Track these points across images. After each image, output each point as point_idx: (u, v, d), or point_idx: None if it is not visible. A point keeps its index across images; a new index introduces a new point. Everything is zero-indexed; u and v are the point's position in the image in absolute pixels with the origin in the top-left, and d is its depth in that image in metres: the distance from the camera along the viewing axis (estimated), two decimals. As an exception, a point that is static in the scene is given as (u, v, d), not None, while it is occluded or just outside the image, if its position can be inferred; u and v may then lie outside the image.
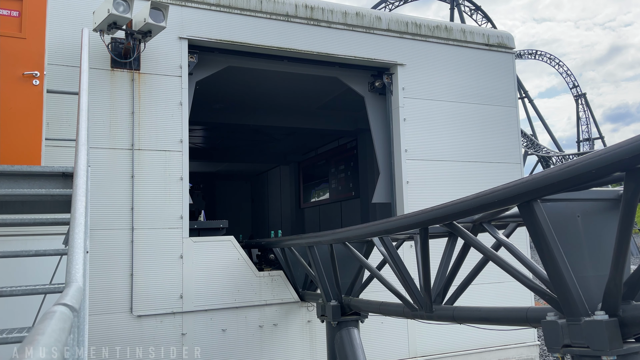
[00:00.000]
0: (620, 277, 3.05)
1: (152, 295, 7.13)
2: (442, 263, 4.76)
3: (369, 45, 9.13)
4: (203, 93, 9.60)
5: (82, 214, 2.42)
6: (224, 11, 8.15)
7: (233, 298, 7.63)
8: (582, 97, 69.81)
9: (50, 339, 1.14)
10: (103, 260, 6.82)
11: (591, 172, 2.79)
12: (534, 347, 9.59)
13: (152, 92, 7.52)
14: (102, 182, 6.89)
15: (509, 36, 10.39)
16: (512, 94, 10.19)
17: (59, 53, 6.96)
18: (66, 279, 1.93)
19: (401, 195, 8.94)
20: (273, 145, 17.04)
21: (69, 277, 1.91)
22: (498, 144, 9.78)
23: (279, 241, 8.20)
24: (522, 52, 68.85)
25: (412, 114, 9.18)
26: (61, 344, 1.12)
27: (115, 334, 6.81)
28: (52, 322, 1.21)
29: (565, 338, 3.29)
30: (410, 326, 8.55)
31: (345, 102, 12.24)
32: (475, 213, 3.93)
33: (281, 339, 7.88)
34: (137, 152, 7.29)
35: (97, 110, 7.04)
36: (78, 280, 1.88)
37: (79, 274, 1.90)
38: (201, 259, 7.50)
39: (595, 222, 3.52)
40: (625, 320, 3.10)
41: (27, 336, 1.15)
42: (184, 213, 7.46)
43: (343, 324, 6.51)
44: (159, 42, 7.52)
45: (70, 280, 1.89)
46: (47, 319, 1.28)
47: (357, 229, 5.57)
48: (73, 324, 1.55)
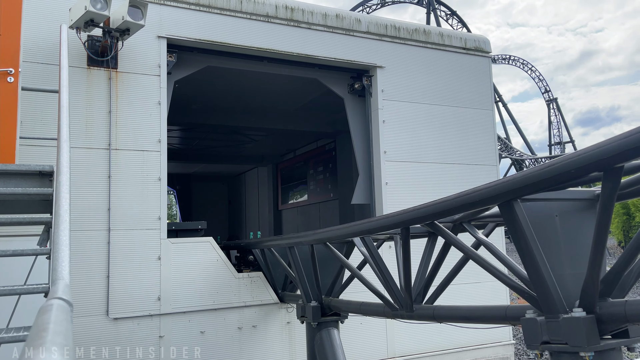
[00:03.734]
0: (597, 275, 3.12)
1: (129, 298, 7.01)
2: (423, 263, 4.80)
3: (349, 47, 9.17)
4: (181, 93, 9.50)
5: (67, 211, 2.36)
6: (204, 10, 8.08)
7: (212, 300, 7.56)
8: (554, 102, 71.44)
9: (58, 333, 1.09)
10: (78, 262, 6.67)
11: (571, 171, 2.85)
12: (509, 346, 9.75)
13: (130, 91, 7.41)
14: (78, 182, 6.74)
15: (486, 40, 10.57)
16: (489, 97, 10.36)
17: (34, 50, 6.81)
18: (52, 276, 1.86)
19: (380, 197, 8.99)
20: (251, 147, 16.95)
21: (56, 274, 1.84)
22: (475, 146, 9.93)
23: (259, 242, 8.16)
24: (496, 57, 70.12)
25: (391, 116, 9.25)
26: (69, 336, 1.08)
27: (91, 337, 6.66)
28: (53, 315, 1.17)
29: (544, 335, 3.35)
30: (389, 327, 8.60)
31: (324, 104, 12.27)
32: (457, 212, 3.98)
33: (260, 341, 7.83)
34: (114, 152, 7.17)
35: (74, 109, 6.87)
36: (65, 278, 1.83)
37: (66, 271, 1.84)
38: (179, 260, 7.40)
39: (573, 222, 3.60)
40: (602, 317, 3.18)
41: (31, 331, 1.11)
42: (162, 214, 7.36)
43: (323, 325, 6.51)
44: (137, 41, 7.41)
45: (57, 278, 1.83)
46: (46, 312, 1.24)
47: (338, 229, 5.59)
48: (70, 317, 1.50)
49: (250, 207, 21.15)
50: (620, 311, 3.09)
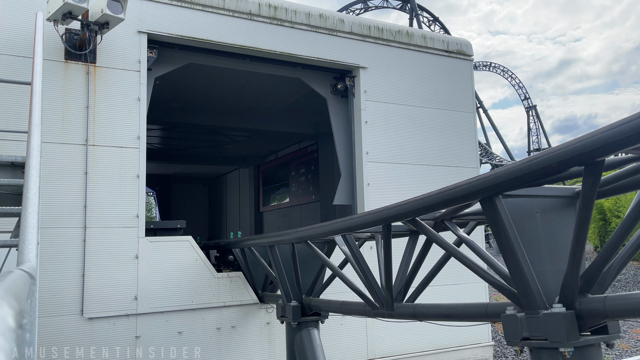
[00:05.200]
0: (577, 271, 3.12)
1: (104, 297, 6.85)
2: (404, 261, 4.77)
3: (332, 47, 9.15)
4: (162, 92, 9.36)
5: (36, 194, 2.25)
6: (186, 7, 7.98)
7: (190, 299, 7.43)
8: (533, 109, 72.45)
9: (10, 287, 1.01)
10: (53, 260, 6.51)
11: (552, 165, 2.85)
12: (488, 347, 9.80)
13: (109, 87, 7.26)
14: (53, 178, 6.58)
15: (467, 44, 10.65)
16: (470, 100, 10.44)
17: (10, 42, 6.63)
18: (18, 259, 1.76)
19: (362, 197, 8.97)
20: (232, 148, 16.82)
21: (22, 257, 1.74)
22: (456, 148, 9.98)
23: (239, 241, 8.07)
24: (477, 64, 70.92)
25: (373, 117, 9.25)
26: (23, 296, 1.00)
27: (65, 337, 6.49)
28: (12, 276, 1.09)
29: (524, 331, 3.34)
30: (369, 328, 8.57)
31: (307, 105, 12.23)
32: (438, 208, 3.96)
33: (239, 341, 7.73)
34: (91, 148, 7.01)
35: (49, 103, 6.73)
36: (31, 261, 1.73)
37: (32, 254, 1.74)
38: (157, 259, 7.27)
39: (553, 218, 3.60)
40: (581, 313, 3.18)
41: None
42: (140, 212, 7.22)
43: (303, 325, 6.44)
44: (116, 35, 7.28)
45: (23, 260, 1.72)
46: (5, 275, 1.15)
47: (320, 227, 5.54)
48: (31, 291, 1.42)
49: (231, 209, 20.98)
50: (599, 307, 3.10)
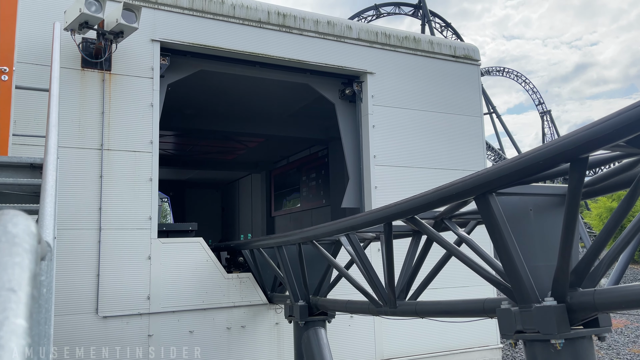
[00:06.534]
0: (567, 266, 3.24)
1: (118, 296, 7.07)
2: (406, 260, 4.91)
3: (340, 54, 9.34)
4: (174, 99, 9.62)
5: (53, 186, 2.42)
6: (197, 15, 8.24)
7: (201, 300, 7.63)
8: (547, 114, 71.89)
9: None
10: (69, 261, 6.75)
11: (539, 163, 2.98)
12: (497, 350, 9.83)
13: (123, 93, 7.53)
14: (70, 180, 6.84)
15: (475, 49, 10.77)
16: (477, 104, 10.54)
17: (28, 51, 6.93)
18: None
19: (369, 200, 9.11)
20: (244, 153, 17.07)
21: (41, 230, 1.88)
22: (463, 152, 10.08)
23: (248, 243, 8.25)
24: (491, 69, 70.66)
25: (380, 121, 9.41)
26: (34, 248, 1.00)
27: (80, 335, 6.72)
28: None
29: (518, 324, 3.46)
30: (377, 328, 8.68)
31: (317, 111, 12.42)
32: (436, 206, 4.09)
33: (249, 341, 7.89)
34: (106, 152, 7.27)
35: (67, 110, 7.00)
36: (48, 238, 1.88)
37: (50, 230, 1.89)
38: (169, 260, 7.48)
39: (546, 216, 3.72)
40: (572, 306, 3.29)
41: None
42: (153, 214, 7.45)
43: (310, 324, 6.59)
44: (130, 44, 7.55)
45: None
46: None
47: (324, 227, 5.70)
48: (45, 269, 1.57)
49: (243, 214, 21.21)
50: (589, 300, 3.21)
